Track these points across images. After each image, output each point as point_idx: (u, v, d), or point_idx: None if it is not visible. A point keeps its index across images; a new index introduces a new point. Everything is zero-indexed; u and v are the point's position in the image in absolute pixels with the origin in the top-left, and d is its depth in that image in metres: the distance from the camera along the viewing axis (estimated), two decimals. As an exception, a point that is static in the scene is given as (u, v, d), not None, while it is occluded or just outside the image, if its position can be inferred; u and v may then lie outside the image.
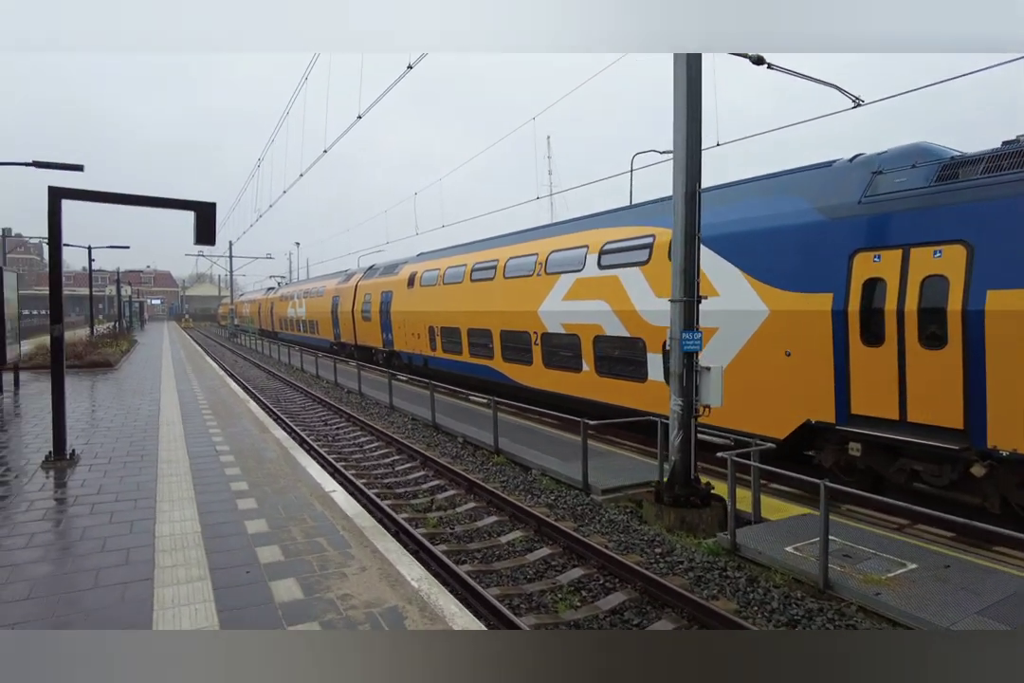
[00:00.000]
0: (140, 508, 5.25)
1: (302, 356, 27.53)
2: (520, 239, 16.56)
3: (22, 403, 11.54)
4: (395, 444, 12.23)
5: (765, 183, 10.40)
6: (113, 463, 6.76)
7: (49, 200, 6.48)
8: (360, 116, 10.63)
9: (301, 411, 16.81)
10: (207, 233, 7.14)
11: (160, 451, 7.38)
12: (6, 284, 11.95)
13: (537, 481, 9.68)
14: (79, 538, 4.58)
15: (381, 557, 4.29)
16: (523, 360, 15.35)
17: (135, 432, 8.52)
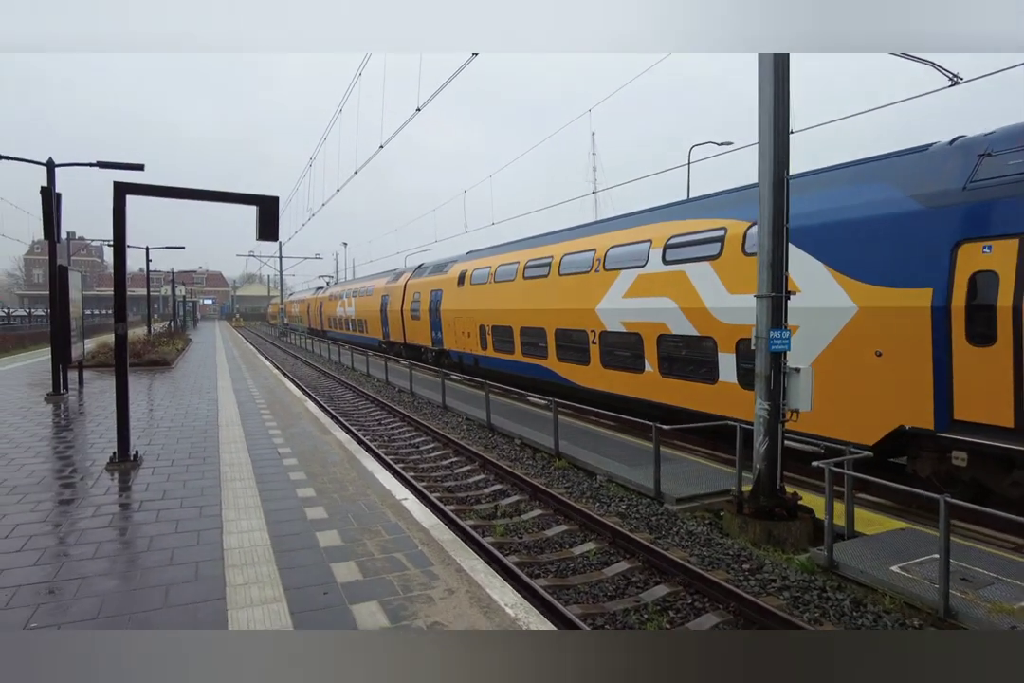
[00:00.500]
0: (206, 516, 4.98)
1: (352, 355, 27.58)
2: (575, 235, 16.06)
3: (86, 401, 11.61)
4: (452, 445, 11.90)
5: (849, 171, 9.67)
6: (176, 466, 6.56)
7: (114, 196, 6.31)
8: (419, 108, 10.32)
9: (354, 410, 16.67)
10: (270, 228, 6.88)
11: (222, 453, 7.17)
12: (71, 284, 12.05)
13: (604, 488, 9.20)
14: (146, 549, 4.32)
15: (468, 578, 3.90)
16: (579, 360, 14.86)
17: (195, 433, 8.37)
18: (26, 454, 7.12)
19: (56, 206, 11.00)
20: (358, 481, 6.11)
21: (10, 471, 6.39)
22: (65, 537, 4.56)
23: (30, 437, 8.07)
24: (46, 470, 6.43)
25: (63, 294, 11.57)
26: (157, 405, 11.02)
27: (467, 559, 4.17)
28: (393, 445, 12.32)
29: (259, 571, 3.95)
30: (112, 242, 6.49)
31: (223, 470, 6.43)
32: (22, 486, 5.84)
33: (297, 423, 9.39)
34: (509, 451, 11.60)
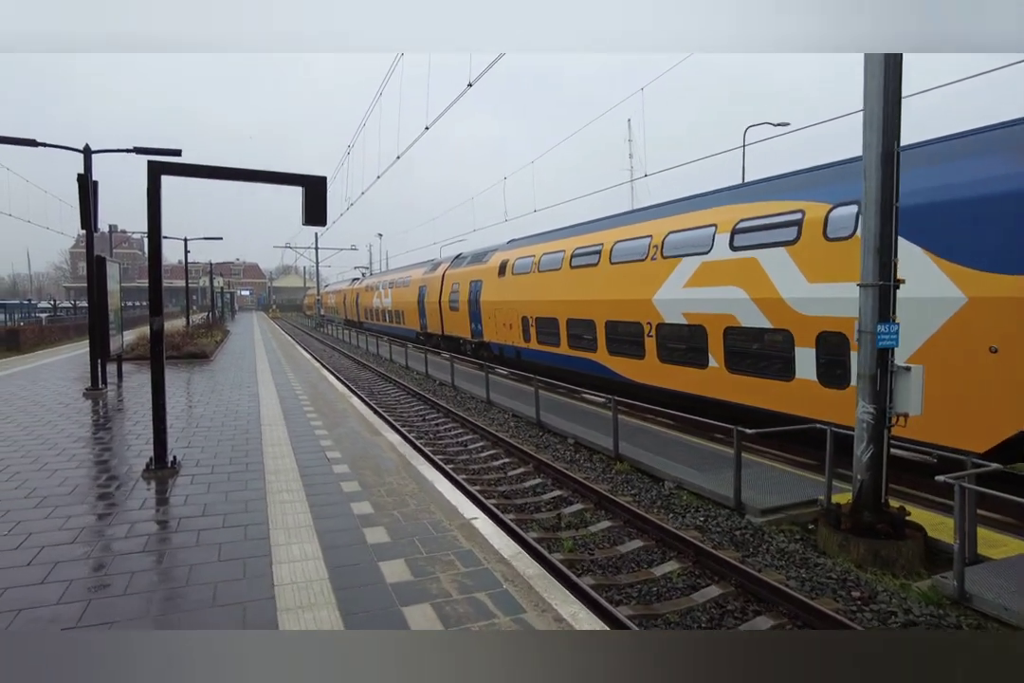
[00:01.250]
0: (251, 539, 4.36)
1: (390, 346, 27.13)
2: (627, 221, 15.16)
3: (125, 396, 11.22)
4: (502, 444, 11.22)
5: (950, 145, 8.61)
6: (216, 474, 5.97)
7: (149, 177, 5.71)
8: (471, 84, 9.58)
9: (396, 404, 16.12)
10: (317, 211, 6.22)
11: (265, 458, 6.58)
12: (109, 275, 11.65)
13: (674, 496, 8.41)
14: (185, 583, 3.69)
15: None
16: (633, 354, 14.02)
17: (236, 434, 7.81)
18: (60, 458, 6.62)
19: (93, 194, 10.56)
20: (418, 494, 5.43)
21: (42, 478, 5.88)
22: (94, 564, 3.97)
23: (66, 437, 7.60)
24: (79, 477, 5.90)
25: (101, 285, 11.16)
26: (196, 401, 10.55)
27: (565, 604, 3.44)
28: (440, 444, 11.69)
29: (318, 616, 3.29)
30: (147, 230, 5.89)
31: (268, 479, 5.82)
32: (53, 497, 5.30)
33: (344, 422, 8.78)
34: (563, 452, 10.87)
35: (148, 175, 5.62)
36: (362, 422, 8.86)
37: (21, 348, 30.21)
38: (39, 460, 6.51)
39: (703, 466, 9.17)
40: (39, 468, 6.21)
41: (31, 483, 5.69)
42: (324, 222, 6.28)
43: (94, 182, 10.64)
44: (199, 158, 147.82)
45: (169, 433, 7.62)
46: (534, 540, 6.76)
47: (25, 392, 11.33)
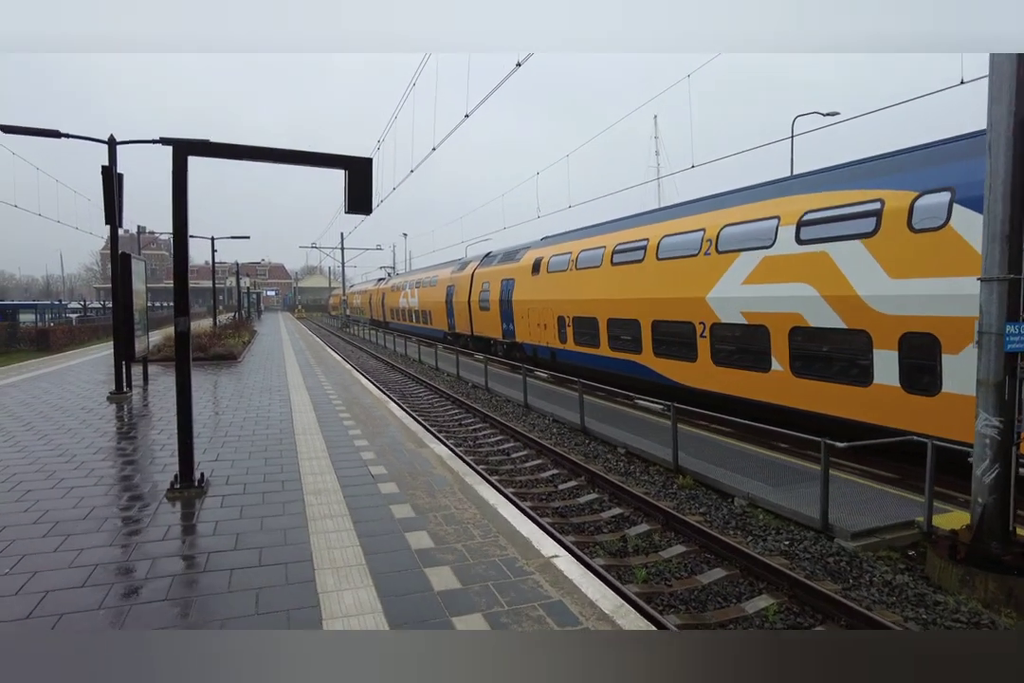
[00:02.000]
0: (295, 583, 3.62)
1: (419, 347, 26.52)
2: (676, 214, 14.27)
3: (151, 401, 10.65)
4: (547, 453, 10.44)
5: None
6: (249, 494, 5.27)
7: (173, 158, 5.02)
8: (519, 63, 8.85)
9: (430, 408, 15.42)
10: (362, 197, 5.49)
11: (303, 475, 5.87)
12: (135, 273, 11.09)
13: (749, 515, 7.56)
14: (217, 645, 2.97)
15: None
16: (683, 356, 13.15)
17: (269, 444, 7.13)
18: (78, 472, 5.97)
19: (118, 188, 9.99)
20: (482, 522, 4.67)
21: (56, 497, 5.23)
22: (107, 617, 3.27)
23: (86, 448, 6.98)
24: (97, 497, 5.23)
25: (126, 283, 10.60)
26: (224, 407, 9.93)
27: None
28: (480, 451, 10.95)
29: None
30: (172, 220, 5.20)
31: (308, 501, 5.10)
32: (66, 522, 4.64)
33: (384, 430, 8.07)
34: (615, 462, 10.05)
35: (173, 157, 4.93)
36: (403, 430, 8.14)
37: (51, 348, 30.20)
38: (55, 475, 5.86)
39: (775, 480, 8.31)
40: (53, 485, 5.56)
41: (44, 504, 5.04)
42: (369, 209, 5.56)
43: (119, 175, 10.07)
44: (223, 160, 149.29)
45: (196, 443, 6.98)
46: (602, 566, 5.97)
47: (48, 396, 10.82)
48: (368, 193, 5.53)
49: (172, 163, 5.02)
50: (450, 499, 5.18)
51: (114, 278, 10.25)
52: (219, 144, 5.13)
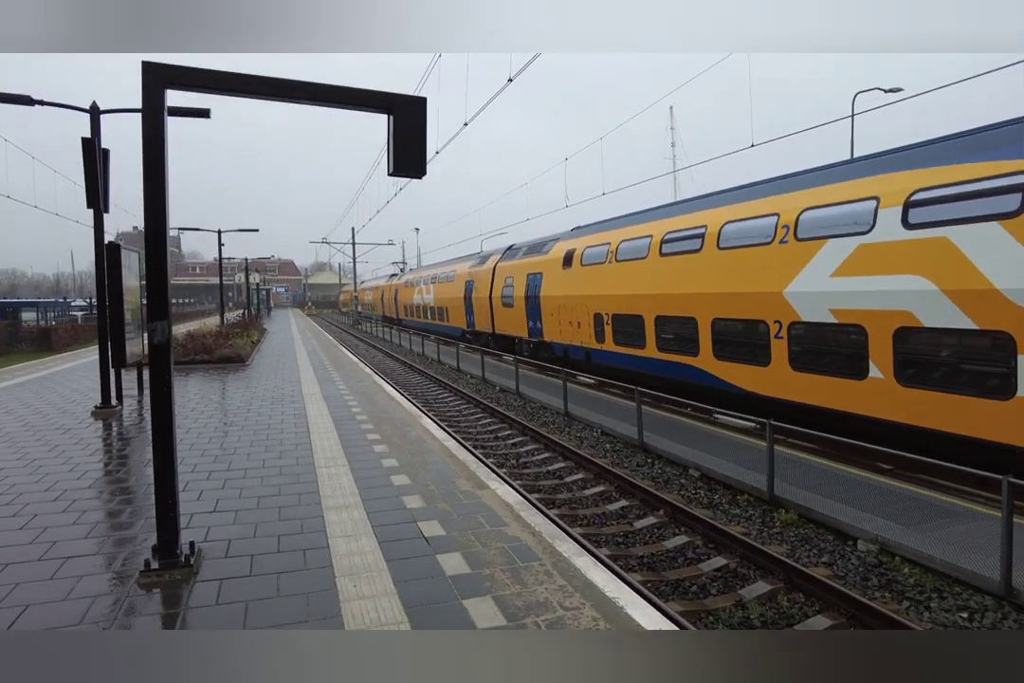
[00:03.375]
0: None
1: (438, 346, 24.97)
2: (740, 197, 12.58)
3: (146, 416, 9.11)
4: (608, 478, 8.85)
5: None
6: (257, 576, 3.62)
7: (144, 85, 3.42)
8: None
9: (458, 416, 13.85)
10: (412, 150, 3.89)
11: (331, 537, 4.27)
12: (126, 266, 9.55)
13: (889, 567, 5.93)
14: None
15: None
16: (752, 359, 11.50)
17: (283, 484, 5.55)
18: (21, 537, 4.31)
19: (103, 165, 8.43)
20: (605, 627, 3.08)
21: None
22: None
23: (44, 491, 5.40)
24: (37, 589, 3.61)
25: (114, 278, 9.07)
26: (230, 423, 8.37)
27: None
28: (526, 473, 9.37)
29: None
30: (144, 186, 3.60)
31: (343, 589, 3.51)
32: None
33: (426, 459, 6.49)
34: (691, 489, 8.44)
35: (143, 82, 3.34)
36: (447, 458, 6.56)
37: (53, 348, 28.87)
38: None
39: (905, 517, 6.69)
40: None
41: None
42: (422, 168, 3.96)
43: (104, 150, 8.52)
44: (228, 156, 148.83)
45: (188, 486, 5.43)
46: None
47: (24, 410, 9.30)
48: (420, 146, 3.93)
49: (142, 99, 3.42)
50: (546, 587, 3.57)
51: (99, 272, 8.71)
52: (207, 72, 3.51)
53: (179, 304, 68.83)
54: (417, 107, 3.92)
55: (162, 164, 3.56)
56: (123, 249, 9.42)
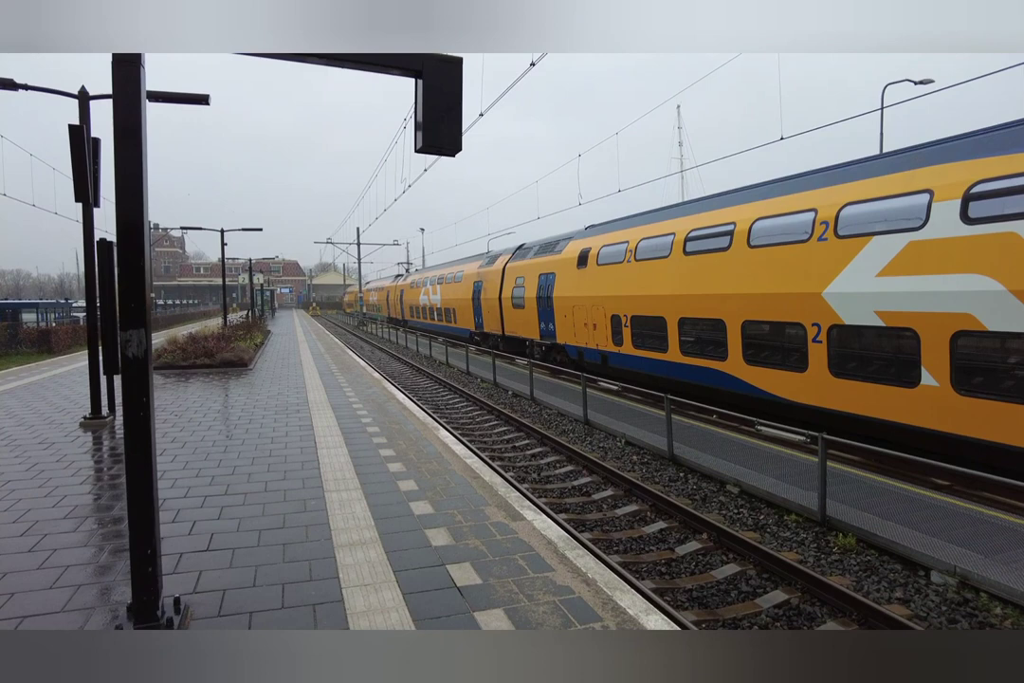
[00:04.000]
0: None
1: (446, 349, 24.30)
2: (770, 193, 11.87)
3: (163, 421, 8.44)
4: (641, 495, 8.15)
5: None
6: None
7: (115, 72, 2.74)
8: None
9: (471, 423, 13.16)
10: (445, 120, 3.20)
11: (345, 587, 3.57)
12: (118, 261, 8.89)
13: (974, 605, 5.20)
14: None
15: None
16: (787, 364, 10.79)
17: (288, 513, 4.85)
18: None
19: (92, 155, 7.76)
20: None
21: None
22: None
23: (12, 523, 4.72)
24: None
25: (106, 277, 8.40)
26: (230, 437, 7.69)
27: None
28: (550, 489, 8.67)
29: None
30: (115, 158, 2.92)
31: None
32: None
33: (448, 482, 5.76)
34: (733, 508, 7.73)
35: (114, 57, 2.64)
36: (472, 479, 5.86)
37: (53, 350, 28.26)
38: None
39: (983, 545, 5.96)
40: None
41: None
42: (458, 143, 3.28)
43: (94, 139, 7.85)
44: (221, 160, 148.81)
45: (179, 516, 4.75)
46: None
47: (7, 421, 8.62)
48: (455, 116, 3.25)
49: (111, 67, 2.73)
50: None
51: (88, 271, 8.03)
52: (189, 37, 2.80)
53: (183, 305, 68.30)
54: (451, 69, 3.23)
55: (138, 147, 2.89)
56: (114, 245, 8.74)
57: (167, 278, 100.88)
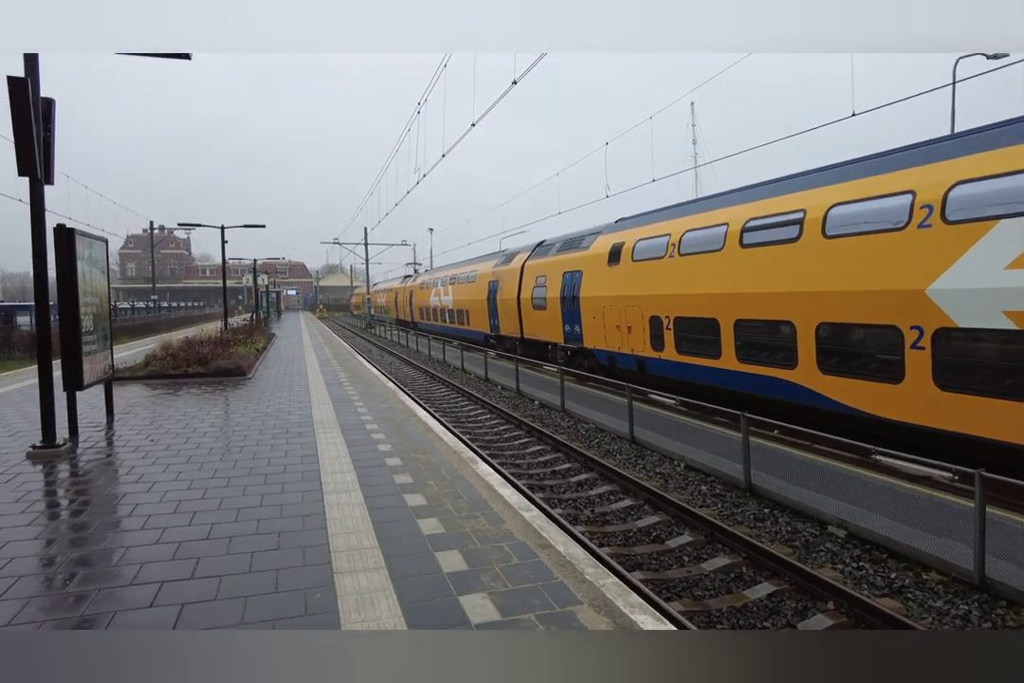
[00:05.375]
0: None
1: (462, 353, 22.72)
2: (848, 175, 10.21)
3: (117, 455, 6.85)
4: (725, 540, 6.52)
5: None
6: None
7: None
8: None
9: (499, 440, 11.56)
10: None
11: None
12: (84, 258, 7.34)
13: None
14: None
15: None
16: (876, 374, 9.15)
17: (280, 619, 3.26)
18: None
19: (41, 116, 6.17)
20: None
21: None
22: None
23: None
24: None
25: (66, 274, 6.84)
26: (215, 476, 6.05)
27: None
28: (609, 531, 7.06)
29: None
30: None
31: None
32: None
33: (510, 555, 4.15)
34: (847, 560, 6.09)
35: None
36: (542, 552, 4.23)
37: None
38: None
39: None
40: None
41: None
42: None
43: (46, 100, 6.28)
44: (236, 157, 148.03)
45: (114, 619, 3.14)
46: None
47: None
48: None
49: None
50: None
51: (38, 264, 6.44)
52: None
53: (187, 307, 66.95)
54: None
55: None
56: (80, 236, 7.20)
57: (173, 280, 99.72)
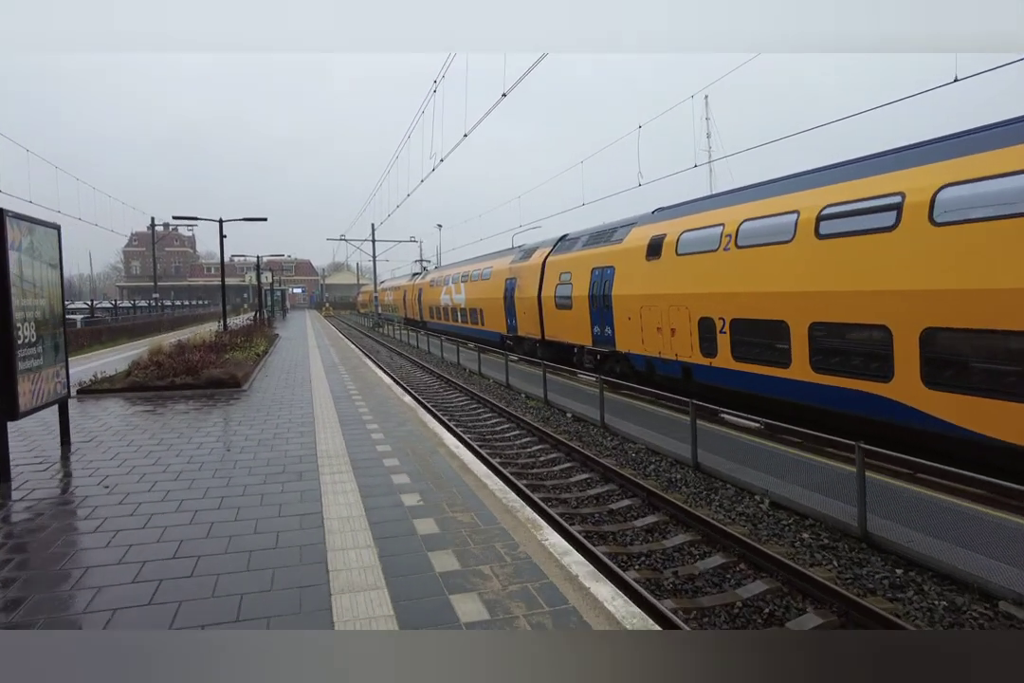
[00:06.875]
0: None
1: (479, 356, 21.04)
2: (957, 150, 8.46)
3: (73, 502, 5.22)
4: (862, 617, 4.82)
5: None
6: None
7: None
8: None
9: (534, 464, 9.88)
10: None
11: None
12: (17, 248, 5.68)
13: None
14: None
15: None
16: (998, 390, 7.43)
17: None
18: None
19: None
20: None
21: None
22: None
23: None
24: None
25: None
26: (176, 554, 4.37)
27: None
28: (706, 610, 5.37)
29: None
30: None
31: None
32: None
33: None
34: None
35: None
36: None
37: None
38: None
39: None
40: None
41: None
42: None
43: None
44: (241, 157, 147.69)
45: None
46: None
47: None
48: None
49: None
50: None
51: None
52: None
53: (192, 306, 65.54)
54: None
55: None
56: (13, 219, 5.54)
57: (177, 278, 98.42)
